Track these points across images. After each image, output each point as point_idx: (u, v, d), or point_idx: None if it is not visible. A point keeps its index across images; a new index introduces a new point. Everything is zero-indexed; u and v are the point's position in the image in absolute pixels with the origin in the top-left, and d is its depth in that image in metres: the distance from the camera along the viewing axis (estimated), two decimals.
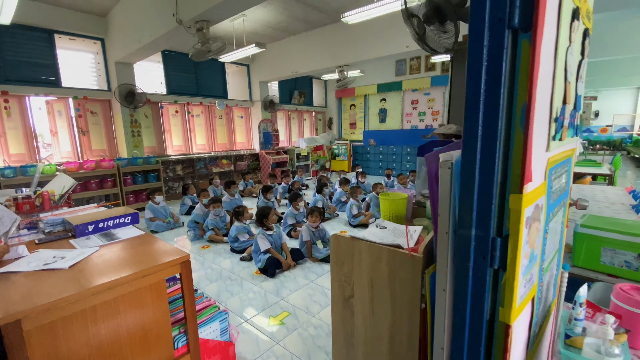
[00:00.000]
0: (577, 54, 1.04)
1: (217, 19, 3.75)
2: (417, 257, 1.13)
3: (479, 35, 0.75)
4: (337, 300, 1.43)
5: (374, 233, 1.39)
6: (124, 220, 1.96)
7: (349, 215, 4.45)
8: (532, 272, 0.93)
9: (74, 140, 5.79)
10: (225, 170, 7.60)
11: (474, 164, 0.79)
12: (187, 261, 1.50)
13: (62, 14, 5.16)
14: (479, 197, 0.80)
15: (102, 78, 5.94)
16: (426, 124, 8.73)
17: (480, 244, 0.82)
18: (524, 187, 0.76)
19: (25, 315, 1.07)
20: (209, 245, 3.85)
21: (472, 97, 0.78)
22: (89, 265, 1.41)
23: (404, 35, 5.20)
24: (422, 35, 1.90)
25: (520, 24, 0.72)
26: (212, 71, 7.65)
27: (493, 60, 0.74)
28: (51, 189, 2.19)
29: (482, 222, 0.81)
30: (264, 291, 2.69)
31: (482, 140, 0.78)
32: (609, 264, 1.71)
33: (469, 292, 0.86)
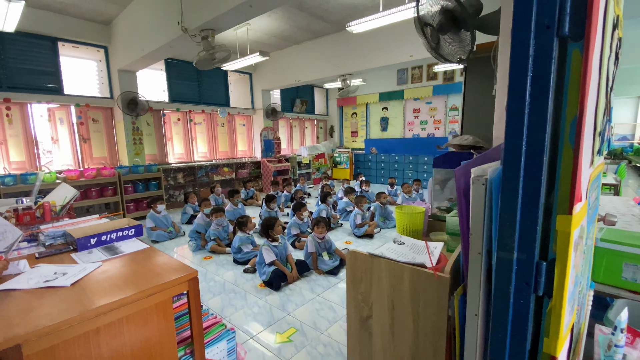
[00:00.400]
0: (612, 63, 0.99)
1: (222, 27, 3.73)
2: (444, 277, 1.06)
3: (523, 44, 0.70)
4: (354, 320, 1.36)
5: (392, 249, 1.33)
6: (128, 233, 1.89)
7: (352, 225, 4.38)
8: (574, 297, 0.87)
9: (75, 148, 5.73)
10: (226, 178, 7.53)
11: (516, 183, 0.73)
12: (194, 278, 1.42)
13: (66, 21, 5.16)
14: (522, 218, 0.74)
15: (105, 86, 5.91)
16: (428, 132, 8.71)
17: (523, 269, 0.76)
18: (574, 207, 0.70)
19: (25, 339, 1.00)
20: (211, 256, 3.76)
21: (515, 110, 0.72)
22: (92, 283, 1.33)
23: (408, 44, 5.20)
24: (436, 45, 1.86)
25: (571, 32, 0.67)
26: (215, 79, 7.64)
27: (539, 71, 0.69)
28: (52, 200, 2.12)
29: (526, 245, 0.75)
30: (269, 305, 2.60)
31: (526, 157, 0.72)
32: (630, 280, 1.63)
33: (510, 319, 0.79)
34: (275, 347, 2.09)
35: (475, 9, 1.80)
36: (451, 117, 8.20)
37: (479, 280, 0.93)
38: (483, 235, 0.91)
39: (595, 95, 0.76)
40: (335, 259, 3.27)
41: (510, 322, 0.79)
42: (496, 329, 0.82)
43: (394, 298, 1.20)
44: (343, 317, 2.41)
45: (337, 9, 5.16)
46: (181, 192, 6.78)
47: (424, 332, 1.13)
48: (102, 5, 4.84)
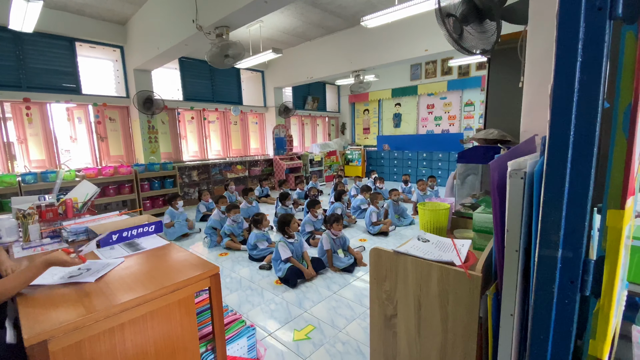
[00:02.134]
0: None
1: (237, 24, 3.73)
2: (476, 276, 1.02)
3: (572, 27, 0.65)
4: (377, 319, 1.33)
5: (417, 247, 1.29)
6: (148, 230, 1.90)
7: (367, 222, 4.33)
8: (621, 297, 0.82)
9: (93, 147, 5.85)
10: (239, 175, 7.58)
11: (562, 176, 0.69)
12: (216, 274, 1.42)
13: (84, 22, 5.26)
14: (568, 214, 0.70)
15: (121, 85, 6.01)
16: (442, 128, 8.56)
17: (568, 267, 0.72)
18: (627, 201, 0.66)
19: (51, 335, 1.01)
20: (226, 253, 3.78)
21: (562, 99, 0.68)
22: (116, 279, 1.34)
23: (424, 38, 5.10)
24: (459, 36, 1.80)
25: (624, 13, 0.62)
26: (228, 77, 7.68)
27: (591, 56, 0.64)
28: (74, 197, 2.16)
29: (573, 242, 0.70)
30: (285, 302, 2.60)
31: (574, 149, 0.67)
32: None
33: (553, 321, 0.75)
34: (294, 344, 2.08)
35: None
36: (466, 113, 8.03)
37: (516, 280, 0.89)
38: (520, 232, 0.87)
39: None
40: (351, 257, 3.24)
41: (554, 322, 0.75)
42: (537, 331, 0.78)
43: (421, 297, 1.16)
44: (360, 315, 2.38)
45: (351, 4, 5.10)
46: (196, 189, 6.86)
47: (452, 333, 1.09)
48: (118, 5, 4.91)
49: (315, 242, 3.84)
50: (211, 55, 3.84)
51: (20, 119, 5.10)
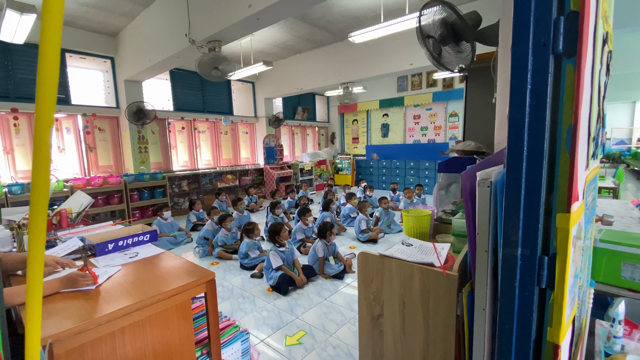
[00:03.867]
0: (604, 75, 1.07)
1: (229, 39, 3.84)
2: (452, 275, 1.13)
3: (523, 60, 0.78)
4: (365, 319, 1.41)
5: (401, 250, 1.39)
6: (143, 239, 1.95)
7: (357, 230, 4.43)
8: (574, 290, 0.93)
9: (82, 157, 5.82)
10: (230, 185, 7.61)
11: (519, 185, 0.81)
12: (212, 280, 1.49)
13: (74, 34, 5.29)
14: (525, 217, 0.81)
15: (111, 95, 6.03)
16: (429, 138, 8.81)
17: (526, 263, 0.83)
18: (572, 206, 0.78)
19: (56, 338, 1.06)
20: (218, 262, 3.81)
21: (516, 120, 0.80)
22: (115, 285, 1.39)
23: (409, 53, 5.33)
24: (438, 55, 1.95)
25: (565, 50, 0.75)
26: (219, 88, 7.77)
27: (538, 84, 0.77)
28: (69, 207, 2.19)
29: (529, 242, 0.82)
30: (277, 309, 2.65)
31: (528, 161, 0.79)
32: (629, 279, 1.69)
33: (516, 311, 0.86)
34: (286, 350, 2.13)
35: (475, 22, 1.89)
36: (451, 123, 8.31)
37: (486, 277, 1.00)
38: (489, 234, 0.98)
39: (588, 105, 0.84)
40: (341, 264, 3.32)
41: (516, 313, 0.86)
42: (503, 320, 0.88)
43: (405, 296, 1.26)
44: (351, 319, 2.46)
45: (339, 20, 5.30)
46: (186, 199, 6.85)
47: (434, 328, 1.19)
48: (110, 18, 4.97)
49: (306, 250, 3.91)
50: (200, 63, 3.90)
51: (8, 129, 5.05)
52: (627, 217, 3.05)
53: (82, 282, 1.32)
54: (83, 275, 1.34)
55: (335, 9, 4.88)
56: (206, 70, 4.00)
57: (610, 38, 1.13)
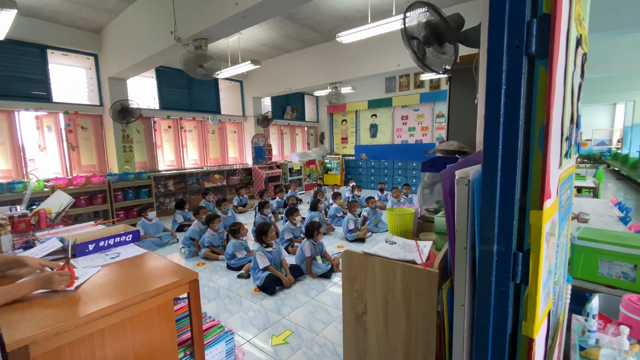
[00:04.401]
0: (578, 77, 1.11)
1: (215, 37, 3.81)
2: (433, 272, 1.15)
3: (497, 61, 0.80)
4: (349, 317, 1.42)
5: (384, 248, 1.41)
6: (125, 239, 1.92)
7: (345, 230, 4.45)
8: (549, 285, 0.96)
9: (63, 156, 5.66)
10: (217, 185, 7.53)
11: (494, 183, 0.83)
12: (195, 280, 1.47)
13: (56, 30, 5.15)
14: (500, 214, 0.83)
15: (94, 93, 5.89)
16: (416, 139, 8.92)
17: (502, 259, 0.85)
18: (544, 203, 0.80)
19: (33, 340, 1.03)
20: (204, 263, 3.77)
21: (491, 119, 0.82)
22: (95, 286, 1.36)
23: (396, 54, 5.38)
24: (422, 56, 1.98)
25: (537, 51, 0.77)
26: (206, 87, 7.68)
27: (512, 85, 0.79)
28: (48, 207, 2.13)
29: (504, 238, 0.84)
30: (264, 309, 2.64)
31: (502, 160, 0.81)
32: (606, 275, 1.75)
33: (492, 306, 0.88)
34: (271, 350, 2.13)
35: (458, 24, 1.92)
36: (438, 124, 8.43)
37: (465, 273, 1.02)
38: (467, 232, 1.00)
39: (561, 106, 0.86)
40: (328, 263, 3.33)
41: (493, 308, 0.88)
42: (480, 315, 0.90)
43: (387, 294, 1.27)
44: (337, 318, 2.47)
45: (327, 20, 5.31)
46: (172, 199, 6.74)
47: (415, 325, 1.21)
48: (93, 14, 4.86)
49: (294, 249, 3.90)
50: (185, 61, 3.84)
51: None
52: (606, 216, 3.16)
53: (59, 282, 1.29)
54: (61, 274, 1.30)
55: (323, 9, 4.89)
56: (191, 68, 3.95)
57: (585, 40, 1.17)
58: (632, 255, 1.63)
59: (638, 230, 2.69)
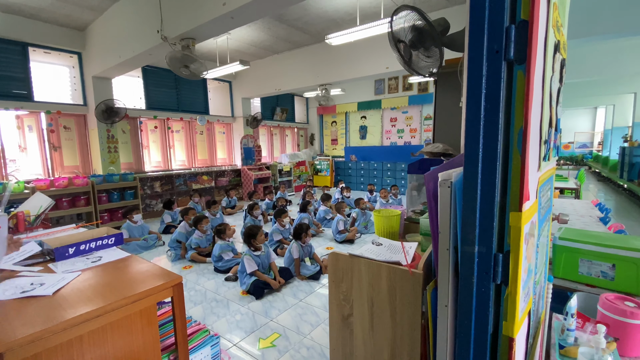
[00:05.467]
0: (556, 82, 1.13)
1: (203, 37, 3.77)
2: (417, 273, 1.15)
3: (477, 65, 0.81)
4: (336, 319, 1.42)
5: (370, 250, 1.41)
6: (108, 242, 1.87)
7: (334, 231, 4.46)
8: (529, 285, 0.98)
9: (45, 157, 5.50)
10: (205, 186, 7.44)
11: (475, 185, 0.84)
12: (179, 284, 1.45)
13: (38, 27, 5.01)
14: (481, 216, 0.85)
15: (78, 92, 5.75)
16: (405, 140, 9.01)
17: (483, 260, 0.86)
18: (523, 205, 0.82)
19: (8, 348, 0.99)
20: (191, 266, 3.71)
21: (472, 122, 0.83)
22: (74, 291, 1.32)
23: (385, 57, 5.42)
24: (409, 59, 2.00)
25: (515, 56, 0.79)
26: (194, 87, 7.59)
27: (491, 89, 0.80)
28: (26, 209, 2.06)
29: (485, 240, 0.85)
30: (252, 312, 2.62)
31: (483, 163, 0.83)
32: (586, 275, 1.80)
33: (474, 307, 0.89)
34: (259, 353, 2.11)
35: (443, 28, 1.95)
36: (426, 126, 8.53)
37: (448, 274, 1.03)
38: (450, 233, 1.02)
39: (539, 110, 0.88)
40: (317, 265, 3.32)
41: (474, 308, 0.89)
42: (462, 316, 0.91)
43: (373, 295, 1.28)
44: (325, 320, 2.46)
45: (317, 22, 5.32)
46: (158, 201, 6.63)
47: (400, 326, 1.21)
48: (77, 12, 4.74)
49: (283, 251, 3.88)
50: (171, 58, 3.76)
51: None
52: (586, 216, 3.25)
53: None
54: None
55: (312, 11, 4.89)
56: (176, 66, 3.89)
57: (564, 46, 1.20)
58: (611, 255, 1.68)
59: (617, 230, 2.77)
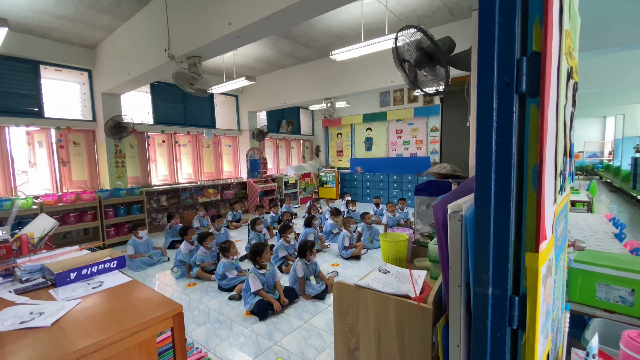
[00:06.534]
0: (570, 107, 1.09)
1: (209, 55, 3.81)
2: (427, 309, 1.10)
3: (487, 98, 0.77)
4: (341, 353, 1.36)
5: (377, 278, 1.36)
6: (109, 266, 1.85)
7: (340, 247, 4.39)
8: (547, 327, 0.92)
9: (54, 172, 5.57)
10: (211, 199, 7.44)
11: (487, 224, 0.79)
12: (180, 313, 1.40)
13: (50, 46, 5.14)
14: (494, 256, 0.80)
15: (87, 108, 5.85)
16: (411, 152, 8.95)
17: (497, 303, 0.81)
18: (540, 245, 0.76)
19: None
20: (195, 283, 3.67)
21: (483, 157, 0.79)
22: (72, 322, 1.29)
23: (389, 71, 5.43)
24: (414, 78, 1.97)
25: (528, 90, 0.75)
26: (201, 101, 7.68)
27: (503, 123, 0.76)
28: (30, 232, 2.06)
29: (499, 281, 0.80)
30: (255, 335, 2.55)
31: (495, 201, 0.78)
32: (604, 299, 1.71)
33: (488, 352, 0.83)
34: None
35: (449, 47, 1.93)
36: (432, 138, 8.48)
37: (460, 312, 0.97)
38: (461, 268, 0.96)
39: (554, 142, 0.84)
40: (322, 283, 3.25)
41: (489, 354, 0.83)
42: None
43: (380, 329, 1.22)
44: (331, 344, 2.38)
45: (321, 37, 5.37)
46: (164, 214, 6.64)
47: None
48: (88, 31, 4.86)
49: (288, 268, 3.82)
50: (177, 75, 3.79)
51: None
52: (600, 232, 3.13)
53: None
54: None
55: (318, 27, 4.94)
56: (182, 83, 3.93)
57: (576, 70, 1.16)
58: (630, 279, 1.59)
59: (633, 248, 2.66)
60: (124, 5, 4.13)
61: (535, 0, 0.75)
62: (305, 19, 2.93)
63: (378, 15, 4.56)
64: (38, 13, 4.21)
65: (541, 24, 0.73)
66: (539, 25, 0.74)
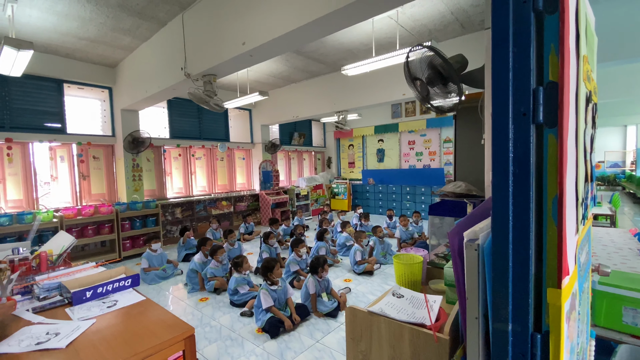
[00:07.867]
0: (590, 130, 1.06)
1: (223, 73, 3.91)
2: (443, 339, 1.06)
3: (503, 129, 0.76)
4: None
5: (391, 303, 1.32)
6: (124, 284, 1.87)
7: (352, 261, 4.33)
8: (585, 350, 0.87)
9: (74, 185, 5.76)
10: (224, 212, 7.52)
11: (506, 258, 0.76)
12: (191, 336, 1.40)
13: (73, 65, 5.39)
14: (514, 291, 0.76)
15: (107, 124, 6.06)
16: (424, 163, 8.85)
17: (518, 341, 0.77)
18: (562, 281, 0.73)
19: None
20: (207, 298, 3.67)
21: (499, 188, 0.77)
22: (86, 345, 1.31)
23: (401, 84, 5.43)
24: (426, 95, 1.96)
25: (545, 120, 0.73)
26: (215, 116, 7.85)
27: (520, 154, 0.74)
28: (49, 249, 2.11)
29: (519, 317, 0.76)
30: (267, 354, 2.52)
31: (514, 234, 0.75)
32: (631, 324, 1.62)
33: None
34: None
35: (461, 65, 1.92)
36: (445, 149, 8.38)
37: (477, 346, 0.93)
38: (479, 299, 0.93)
39: (574, 171, 0.81)
40: (334, 300, 3.20)
41: None
42: None
43: (395, 358, 1.18)
44: None
45: (333, 52, 5.44)
46: (178, 227, 6.73)
47: None
48: (109, 51, 5.08)
49: (299, 284, 3.79)
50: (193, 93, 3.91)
51: (1, 158, 5.02)
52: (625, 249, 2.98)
53: None
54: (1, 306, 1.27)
55: (329, 43, 5.02)
56: (198, 99, 4.04)
57: (594, 91, 1.13)
58: None
59: None
60: (143, 27, 4.31)
61: (550, 29, 0.73)
62: (316, 39, 2.98)
63: (389, 31, 4.60)
64: (62, 35, 4.44)
65: (557, 53, 0.72)
66: (555, 54, 0.72)
